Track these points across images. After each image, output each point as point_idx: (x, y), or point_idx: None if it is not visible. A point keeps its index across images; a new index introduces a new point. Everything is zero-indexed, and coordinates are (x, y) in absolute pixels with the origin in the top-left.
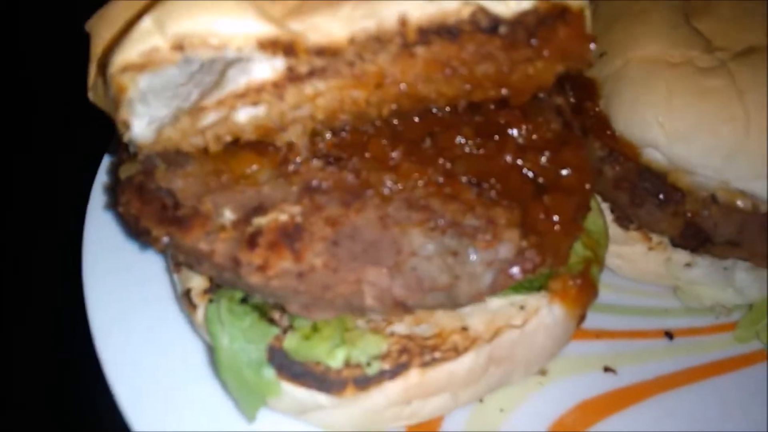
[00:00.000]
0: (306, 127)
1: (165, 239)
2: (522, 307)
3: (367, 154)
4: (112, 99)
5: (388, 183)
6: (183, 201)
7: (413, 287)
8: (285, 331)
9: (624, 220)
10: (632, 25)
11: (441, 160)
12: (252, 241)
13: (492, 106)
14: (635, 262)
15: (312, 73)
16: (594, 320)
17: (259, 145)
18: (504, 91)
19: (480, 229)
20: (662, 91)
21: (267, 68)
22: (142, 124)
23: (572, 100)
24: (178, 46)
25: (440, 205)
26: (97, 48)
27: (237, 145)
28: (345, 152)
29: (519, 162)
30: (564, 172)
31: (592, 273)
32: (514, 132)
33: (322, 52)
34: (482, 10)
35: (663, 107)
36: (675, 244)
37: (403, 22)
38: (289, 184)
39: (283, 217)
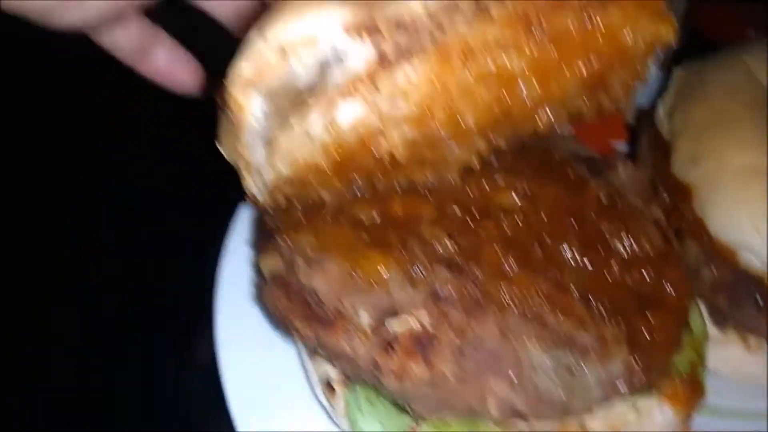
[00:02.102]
0: (402, 131)
1: (313, 338)
2: (635, 407)
3: (483, 261)
4: (233, 126)
5: (505, 292)
6: (324, 300)
7: (532, 400)
8: (416, 421)
9: (721, 321)
10: (725, 131)
11: (551, 270)
12: (390, 348)
13: (593, 214)
14: (733, 363)
15: (399, 54)
16: (696, 422)
17: (385, 245)
18: (595, 63)
19: (591, 344)
20: (758, 197)
21: (360, 60)
22: (259, 149)
23: (667, 201)
24: (281, 50)
25: (553, 318)
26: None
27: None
28: (463, 259)
29: (623, 276)
30: (666, 288)
31: (698, 374)
32: (618, 245)
33: (401, 25)
34: None
35: (759, 213)
36: None
37: None
38: (415, 290)
39: (415, 324)
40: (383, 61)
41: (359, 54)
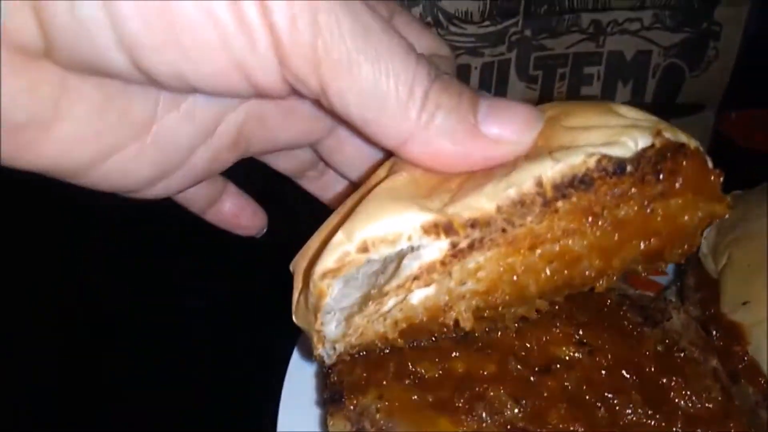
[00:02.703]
0: (469, 302)
1: None
2: None
3: (549, 425)
4: (312, 307)
5: None
6: None
7: None
8: None
9: None
10: None
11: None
12: None
13: (653, 368)
14: None
15: (472, 246)
16: None
17: (451, 410)
18: (654, 241)
19: None
20: None
21: (435, 250)
22: (333, 325)
23: (720, 343)
24: (364, 249)
25: None
26: (298, 277)
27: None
28: (530, 423)
29: None
30: None
31: None
32: (678, 400)
33: (475, 223)
34: (605, 156)
35: None
36: None
37: (539, 183)
38: None
39: None
40: (456, 252)
41: (435, 247)
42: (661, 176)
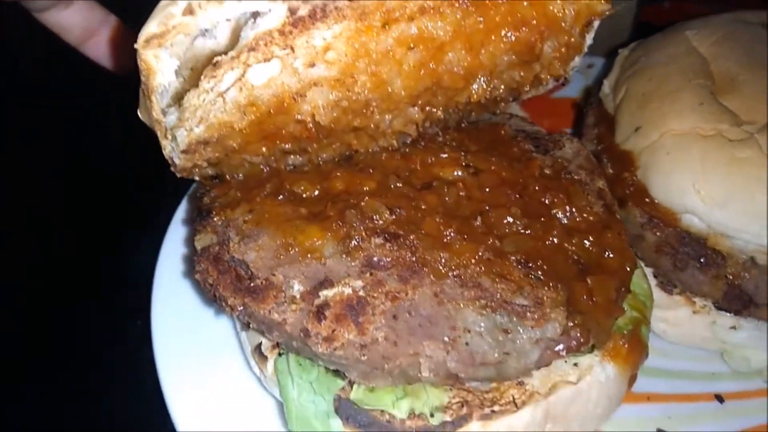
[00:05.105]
0: (325, 94)
1: (240, 308)
2: (575, 365)
3: (422, 231)
4: (145, 89)
5: (443, 260)
6: (256, 272)
7: (466, 362)
8: (350, 383)
9: (667, 285)
10: (665, 102)
11: (491, 239)
12: (320, 314)
13: (536, 187)
14: (680, 326)
15: (314, 16)
16: (644, 384)
17: (322, 219)
18: (524, 32)
19: (528, 308)
20: (697, 160)
21: (273, 18)
22: (174, 115)
23: (610, 171)
24: (189, 11)
25: (491, 283)
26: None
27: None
28: (402, 229)
29: (564, 243)
30: (606, 254)
31: (642, 333)
32: (559, 214)
33: None
34: None
35: (699, 175)
36: (719, 307)
37: None
38: (351, 259)
39: (348, 291)
40: (296, 20)
41: (271, 14)
42: None
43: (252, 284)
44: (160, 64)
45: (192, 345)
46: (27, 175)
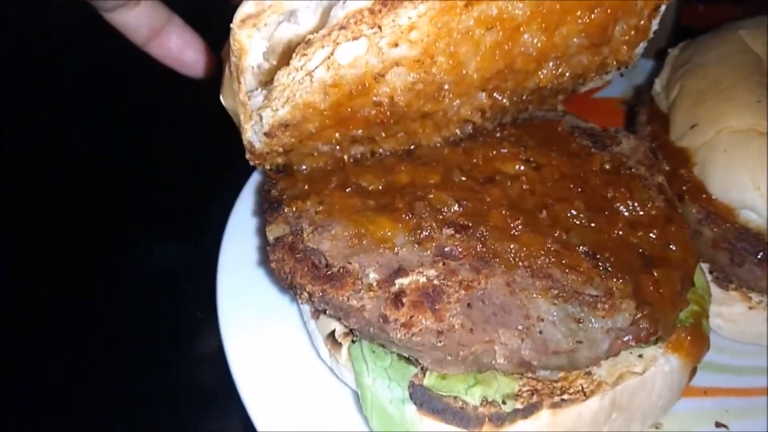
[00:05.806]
0: (404, 76)
1: (319, 294)
2: (640, 356)
3: (490, 224)
4: (235, 69)
5: (512, 251)
6: (332, 261)
7: (540, 350)
8: (423, 370)
9: (723, 280)
10: (721, 100)
11: (557, 232)
12: (397, 300)
13: (597, 182)
14: (736, 322)
15: None
16: (701, 378)
17: (391, 210)
18: (598, 14)
19: (599, 298)
20: (756, 157)
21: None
22: (259, 98)
23: (666, 167)
24: None
25: (561, 274)
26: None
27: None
28: (470, 221)
29: (629, 236)
30: (670, 247)
31: (703, 326)
32: (621, 208)
33: None
34: None
35: (758, 171)
36: None
37: None
38: (423, 249)
39: (422, 279)
40: (386, 1)
41: None
42: None
43: (329, 272)
44: (253, 44)
45: (261, 335)
46: (27, 175)
